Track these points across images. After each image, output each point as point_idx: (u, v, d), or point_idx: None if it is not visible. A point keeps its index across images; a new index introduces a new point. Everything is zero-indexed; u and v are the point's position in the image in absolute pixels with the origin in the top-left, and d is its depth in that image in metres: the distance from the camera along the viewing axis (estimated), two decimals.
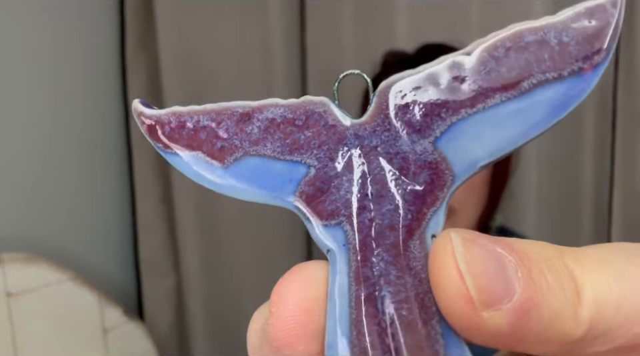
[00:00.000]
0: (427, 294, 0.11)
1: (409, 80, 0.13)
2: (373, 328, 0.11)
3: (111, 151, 1.06)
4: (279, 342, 0.12)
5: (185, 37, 1.01)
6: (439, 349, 0.11)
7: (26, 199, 0.92)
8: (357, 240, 0.12)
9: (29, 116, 0.92)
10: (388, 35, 0.94)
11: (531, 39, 0.12)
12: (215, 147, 0.13)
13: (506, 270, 0.11)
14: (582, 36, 0.12)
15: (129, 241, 1.09)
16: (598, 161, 0.89)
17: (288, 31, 1.00)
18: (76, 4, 0.98)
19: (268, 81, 1.01)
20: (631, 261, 0.11)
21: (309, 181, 0.13)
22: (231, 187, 0.13)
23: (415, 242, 0.12)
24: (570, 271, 0.11)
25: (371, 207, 0.12)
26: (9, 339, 0.82)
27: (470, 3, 0.90)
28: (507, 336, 0.11)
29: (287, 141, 0.13)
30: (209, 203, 1.05)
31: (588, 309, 0.11)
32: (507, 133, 0.12)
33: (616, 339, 0.11)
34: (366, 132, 0.13)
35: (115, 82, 1.05)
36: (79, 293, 0.89)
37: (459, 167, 0.12)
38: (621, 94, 0.86)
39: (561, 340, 0.11)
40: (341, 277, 0.12)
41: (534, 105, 0.12)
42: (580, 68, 0.12)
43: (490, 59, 0.12)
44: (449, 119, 0.12)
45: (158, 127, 0.14)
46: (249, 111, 0.13)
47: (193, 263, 1.07)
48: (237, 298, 1.08)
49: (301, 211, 0.13)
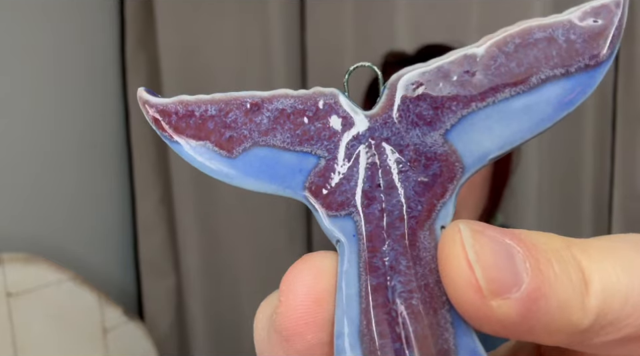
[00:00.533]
0: (437, 283, 0.12)
1: (420, 72, 0.13)
2: (383, 317, 0.12)
3: (111, 150, 1.06)
4: (288, 331, 0.12)
5: (185, 36, 1.02)
6: (448, 337, 0.11)
7: (26, 199, 0.92)
8: (368, 230, 0.12)
9: (29, 116, 0.92)
10: (388, 35, 0.94)
11: (539, 36, 0.12)
12: (223, 136, 0.13)
13: (514, 260, 0.11)
14: (588, 34, 0.12)
15: (129, 241, 1.09)
16: (598, 161, 0.89)
17: (288, 31, 1.01)
18: (76, 4, 0.98)
19: (268, 81, 1.01)
20: (639, 251, 0.11)
21: (319, 171, 0.13)
22: (240, 177, 0.13)
23: (425, 233, 0.12)
24: (577, 262, 0.11)
25: (382, 197, 0.12)
26: (9, 339, 0.82)
27: (470, 3, 0.91)
28: (515, 325, 0.11)
29: (297, 132, 0.13)
30: (208, 203, 1.05)
31: (596, 298, 0.11)
32: (516, 127, 0.12)
33: (623, 328, 0.11)
34: (377, 124, 0.13)
35: (115, 82, 1.05)
36: (79, 292, 0.89)
37: (469, 159, 0.12)
38: (621, 94, 0.87)
39: (568, 329, 0.11)
40: (350, 267, 0.12)
41: (542, 100, 0.12)
42: (586, 65, 0.12)
43: (500, 54, 0.12)
44: (460, 112, 0.12)
45: (164, 116, 0.14)
46: (259, 101, 0.13)
47: (193, 263, 1.07)
48: (237, 298, 1.08)
49: (310, 202, 0.13)
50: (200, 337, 1.09)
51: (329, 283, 0.12)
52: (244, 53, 1.01)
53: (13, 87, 0.90)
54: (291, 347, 0.12)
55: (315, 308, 0.12)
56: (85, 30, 1.00)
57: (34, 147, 0.93)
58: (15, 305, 0.82)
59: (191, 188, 1.04)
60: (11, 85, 0.90)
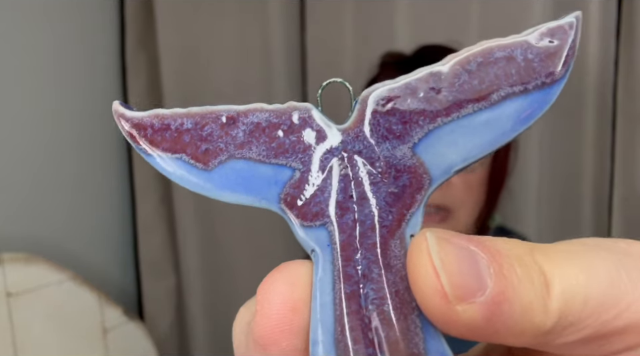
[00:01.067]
0: (407, 290, 0.12)
1: (389, 88, 0.13)
2: (357, 323, 0.12)
3: (111, 151, 1.06)
4: (264, 339, 0.12)
5: (185, 37, 1.02)
6: (418, 341, 0.12)
7: (26, 199, 0.92)
8: (341, 240, 0.13)
9: (29, 116, 0.92)
10: (388, 35, 0.94)
11: (499, 55, 0.13)
12: (200, 149, 0.14)
13: (478, 266, 0.11)
14: (544, 54, 0.13)
15: (129, 241, 1.09)
16: (598, 161, 0.89)
17: (288, 31, 1.01)
18: (76, 4, 0.98)
19: (268, 81, 1.01)
20: (600, 254, 0.12)
21: (294, 183, 0.13)
22: (216, 189, 0.14)
23: (396, 241, 0.13)
24: (539, 266, 0.12)
25: (355, 208, 0.13)
26: (9, 339, 0.82)
27: (470, 3, 0.91)
28: (481, 328, 0.11)
29: (272, 145, 0.13)
30: (208, 203, 1.05)
31: (557, 301, 0.11)
32: (478, 141, 0.13)
33: (584, 329, 0.11)
34: (349, 137, 0.13)
35: (115, 82, 1.05)
36: (79, 292, 0.89)
37: (435, 171, 0.13)
38: (621, 95, 0.87)
39: (532, 331, 0.11)
40: (324, 275, 0.13)
41: (502, 115, 0.13)
42: (543, 82, 0.13)
43: (463, 72, 0.13)
44: (427, 127, 0.13)
45: (139, 129, 0.14)
46: (234, 115, 0.14)
47: (193, 263, 1.07)
48: (237, 298, 1.08)
49: (285, 213, 0.13)
50: (200, 336, 1.09)
51: (304, 291, 0.12)
52: (244, 52, 1.01)
53: (13, 86, 0.90)
54: (267, 354, 0.12)
55: (290, 316, 0.12)
56: (85, 30, 1.00)
57: (34, 146, 0.93)
58: (15, 305, 0.82)
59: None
60: (11, 85, 0.90)
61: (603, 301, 0.11)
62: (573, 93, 0.88)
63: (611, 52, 0.87)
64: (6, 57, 0.89)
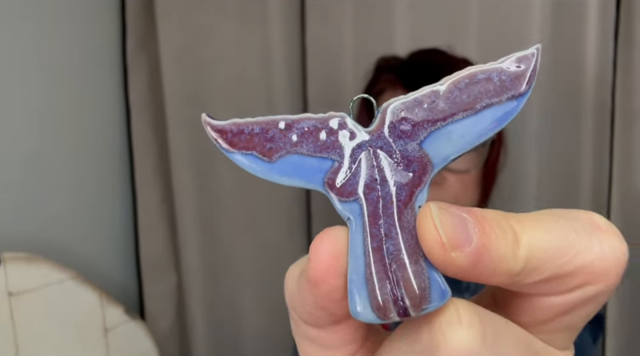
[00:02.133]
0: (417, 244, 0.17)
1: (402, 101, 0.18)
2: (380, 267, 0.17)
3: (112, 150, 1.06)
4: (316, 279, 0.17)
5: (186, 37, 1.02)
6: (424, 279, 0.17)
7: (27, 199, 0.92)
8: (369, 211, 0.18)
9: (29, 116, 0.93)
10: (387, 36, 0.94)
11: (481, 77, 0.18)
12: (265, 148, 0.19)
13: (467, 226, 0.16)
14: (514, 75, 0.18)
15: (130, 241, 1.10)
16: (597, 160, 0.90)
17: (288, 31, 1.01)
18: (77, 5, 0.98)
19: (268, 81, 1.01)
20: (557, 220, 0.17)
21: (334, 171, 0.18)
22: (278, 176, 0.19)
23: (408, 210, 0.18)
24: (512, 227, 0.16)
25: (378, 188, 0.18)
26: (11, 339, 0.82)
27: (469, 5, 0.91)
28: (468, 270, 0.16)
29: (317, 143, 0.19)
30: (209, 203, 1.06)
31: (523, 251, 0.16)
32: (467, 138, 0.18)
33: (544, 271, 0.16)
34: (373, 137, 0.18)
35: (116, 82, 1.05)
36: (80, 292, 0.89)
37: (436, 160, 0.18)
38: (619, 94, 0.87)
39: (506, 273, 0.16)
40: (357, 235, 0.18)
41: (484, 119, 0.18)
42: (512, 96, 0.18)
43: (455, 89, 0.18)
44: (429, 129, 0.18)
45: (222, 134, 0.19)
46: (290, 122, 0.19)
47: (194, 263, 1.07)
48: (237, 298, 1.08)
49: (328, 192, 0.18)
50: (200, 336, 1.09)
51: (344, 246, 0.17)
52: (244, 53, 1.02)
53: (13, 86, 0.90)
54: (319, 290, 0.17)
55: (334, 262, 0.17)
56: (86, 30, 1.00)
57: (35, 146, 0.93)
58: (16, 305, 0.83)
59: (191, 188, 1.05)
60: (11, 85, 0.90)
61: (557, 250, 0.16)
62: (571, 93, 0.89)
63: (609, 52, 0.87)
64: (7, 57, 0.89)
